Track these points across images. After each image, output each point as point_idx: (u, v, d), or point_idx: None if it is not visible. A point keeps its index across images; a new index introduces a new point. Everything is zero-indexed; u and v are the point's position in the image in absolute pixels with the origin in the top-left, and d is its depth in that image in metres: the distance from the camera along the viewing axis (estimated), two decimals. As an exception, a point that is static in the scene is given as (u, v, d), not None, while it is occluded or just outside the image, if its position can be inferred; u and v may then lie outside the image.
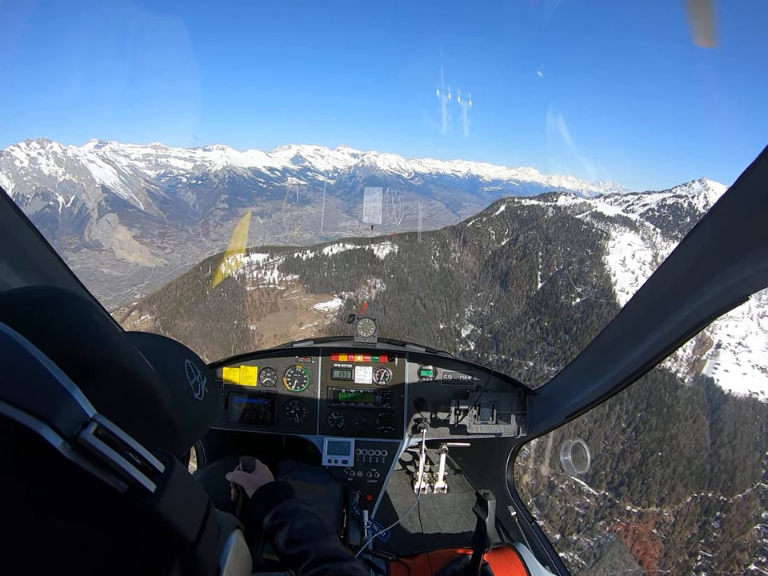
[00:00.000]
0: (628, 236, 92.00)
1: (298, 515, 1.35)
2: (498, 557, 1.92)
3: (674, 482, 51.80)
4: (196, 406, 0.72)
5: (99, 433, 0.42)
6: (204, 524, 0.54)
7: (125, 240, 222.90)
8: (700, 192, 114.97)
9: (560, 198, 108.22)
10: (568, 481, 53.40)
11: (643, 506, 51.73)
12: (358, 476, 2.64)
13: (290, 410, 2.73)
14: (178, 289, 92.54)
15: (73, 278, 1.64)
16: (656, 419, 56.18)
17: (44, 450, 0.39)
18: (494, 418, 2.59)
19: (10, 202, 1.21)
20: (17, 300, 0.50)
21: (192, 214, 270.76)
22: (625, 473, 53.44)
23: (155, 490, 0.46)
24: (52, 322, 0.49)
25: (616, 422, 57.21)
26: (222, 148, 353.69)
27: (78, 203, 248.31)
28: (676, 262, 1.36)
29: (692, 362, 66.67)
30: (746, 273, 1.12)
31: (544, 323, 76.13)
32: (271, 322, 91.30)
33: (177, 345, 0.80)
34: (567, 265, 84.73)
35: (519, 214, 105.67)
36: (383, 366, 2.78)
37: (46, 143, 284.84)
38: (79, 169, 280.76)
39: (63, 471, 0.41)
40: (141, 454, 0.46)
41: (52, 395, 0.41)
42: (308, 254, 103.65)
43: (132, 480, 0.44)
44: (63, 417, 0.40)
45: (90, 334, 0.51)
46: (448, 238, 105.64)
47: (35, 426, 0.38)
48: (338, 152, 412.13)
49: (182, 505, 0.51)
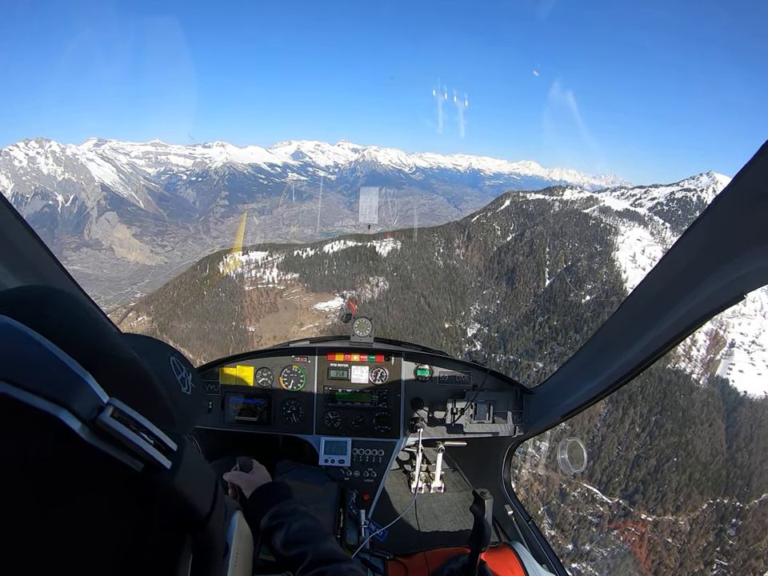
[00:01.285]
0: (637, 231, 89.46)
1: (295, 516, 1.35)
2: (495, 556, 1.95)
3: (690, 489, 50.02)
4: (185, 400, 0.74)
5: (116, 415, 0.44)
6: (215, 500, 0.56)
7: (124, 238, 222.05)
8: (708, 186, 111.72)
9: (566, 192, 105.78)
10: (580, 488, 51.58)
11: (658, 515, 49.97)
12: (355, 475, 2.63)
13: (287, 409, 2.71)
14: (175, 289, 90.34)
15: (68, 279, 1.65)
16: (671, 423, 54.13)
17: (63, 433, 0.40)
18: (490, 417, 2.58)
19: (6, 203, 1.22)
20: (18, 297, 0.50)
21: (192, 212, 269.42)
22: (639, 480, 51.45)
23: (170, 466, 0.48)
24: (52, 319, 0.49)
25: (630, 427, 55.14)
26: (222, 144, 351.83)
27: (77, 202, 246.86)
28: (672, 260, 1.36)
29: (706, 362, 64.42)
30: (742, 271, 1.13)
31: (553, 322, 73.49)
32: (270, 323, 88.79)
33: (160, 343, 0.82)
34: (576, 261, 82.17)
35: (525, 209, 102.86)
36: (380, 365, 2.78)
37: (45, 142, 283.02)
38: (78, 167, 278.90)
39: (82, 454, 0.42)
40: (155, 433, 0.48)
41: (67, 381, 0.42)
42: (308, 252, 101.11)
43: (149, 458, 0.46)
44: (80, 401, 0.42)
45: (90, 328, 0.52)
46: (452, 233, 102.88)
47: (54, 410, 0.39)
48: (338, 147, 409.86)
49: (195, 481, 0.52)
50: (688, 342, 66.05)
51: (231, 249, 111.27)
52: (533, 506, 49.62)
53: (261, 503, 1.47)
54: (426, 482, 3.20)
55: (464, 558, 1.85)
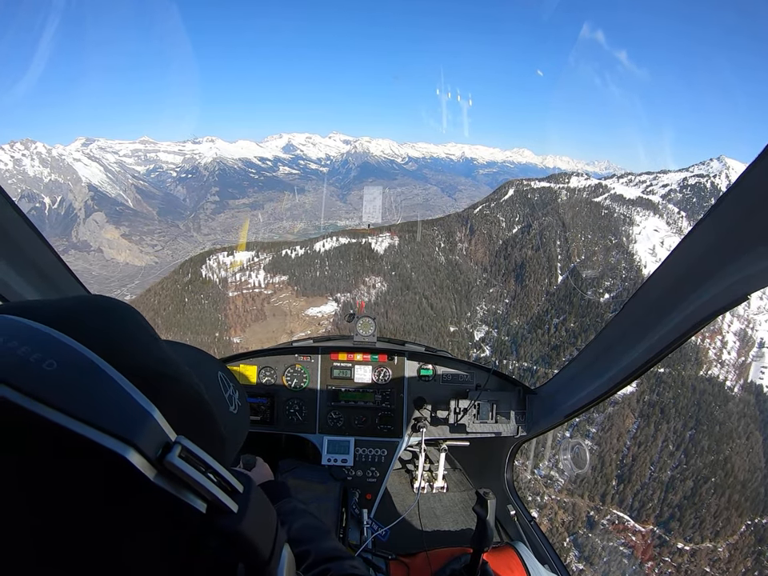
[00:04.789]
0: (653, 221, 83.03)
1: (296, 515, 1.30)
2: (497, 556, 1.96)
3: (729, 512, 44.46)
4: (232, 419, 0.70)
5: (182, 455, 0.42)
6: (275, 542, 0.55)
7: (113, 239, 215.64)
8: (721, 171, 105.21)
9: (572, 180, 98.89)
10: (610, 515, 45.78)
11: (696, 542, 44.37)
12: (358, 475, 2.64)
13: (290, 408, 2.73)
14: (156, 296, 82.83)
15: (73, 279, 1.61)
16: (707, 440, 48.26)
17: (129, 473, 0.38)
18: (493, 417, 2.58)
19: (9, 200, 1.18)
20: (74, 312, 0.46)
21: (182, 209, 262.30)
22: (675, 504, 45.64)
23: (237, 509, 0.46)
24: (117, 337, 0.46)
25: (663, 445, 49.17)
26: (212, 140, 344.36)
27: (65, 203, 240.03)
28: (676, 260, 1.36)
29: (738, 366, 58.49)
30: (746, 272, 1.12)
31: (570, 324, 66.81)
32: (257, 332, 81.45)
33: (209, 356, 0.78)
34: (591, 255, 75.70)
35: (530, 198, 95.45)
36: (383, 364, 2.78)
37: (30, 144, 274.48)
38: (65, 168, 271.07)
39: (148, 494, 0.41)
40: (222, 474, 0.46)
41: (134, 417, 0.40)
42: (297, 251, 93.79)
43: (215, 500, 0.44)
44: (147, 438, 0.39)
45: (153, 349, 0.49)
46: (453, 226, 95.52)
47: (121, 449, 0.37)
48: (329, 139, 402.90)
49: (260, 524, 0.51)
50: (718, 345, 60.63)
51: (224, 248, 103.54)
52: (558, 537, 43.77)
53: None
54: (428, 482, 3.19)
55: (466, 557, 1.86)
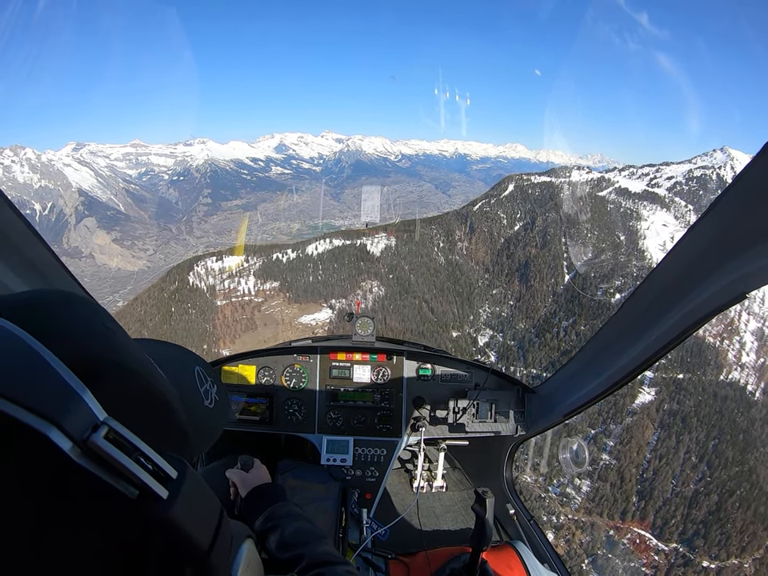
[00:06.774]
0: (660, 215, 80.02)
1: (290, 518, 1.33)
2: (496, 555, 1.96)
3: (756, 526, 41.50)
4: (206, 413, 0.70)
5: (110, 437, 0.41)
6: (217, 532, 0.53)
7: (105, 244, 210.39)
8: (725, 162, 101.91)
9: (573, 174, 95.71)
10: (631, 534, 42.67)
11: (721, 560, 41.39)
12: (357, 475, 2.64)
13: (289, 408, 2.72)
14: (142, 305, 78.74)
15: (72, 280, 1.61)
16: (732, 450, 45.22)
17: (52, 453, 0.38)
18: (492, 416, 2.58)
19: (8, 202, 1.18)
20: (24, 302, 0.48)
21: (175, 212, 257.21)
22: (700, 521, 42.58)
23: (167, 496, 0.45)
24: (62, 324, 0.47)
25: (685, 457, 46.12)
26: (203, 141, 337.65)
27: (55, 209, 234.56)
28: (674, 259, 1.36)
29: (758, 368, 55.40)
30: (744, 270, 1.12)
31: (580, 327, 63.26)
32: (248, 343, 76.46)
33: (186, 351, 0.79)
34: (599, 253, 72.43)
35: (531, 194, 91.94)
36: (382, 364, 2.78)
37: (20, 150, 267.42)
38: (54, 174, 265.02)
39: (71, 476, 0.40)
40: (153, 459, 0.45)
41: (61, 397, 0.40)
42: (289, 255, 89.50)
43: (143, 485, 0.43)
44: (73, 419, 0.39)
45: (100, 337, 0.50)
46: (452, 224, 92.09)
47: (44, 428, 0.37)
48: (322, 138, 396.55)
49: (196, 512, 0.49)
50: (737, 346, 57.58)
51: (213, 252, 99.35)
52: (576, 560, 40.69)
53: (255, 504, 1.45)
54: (427, 481, 3.20)
55: (465, 556, 1.86)
